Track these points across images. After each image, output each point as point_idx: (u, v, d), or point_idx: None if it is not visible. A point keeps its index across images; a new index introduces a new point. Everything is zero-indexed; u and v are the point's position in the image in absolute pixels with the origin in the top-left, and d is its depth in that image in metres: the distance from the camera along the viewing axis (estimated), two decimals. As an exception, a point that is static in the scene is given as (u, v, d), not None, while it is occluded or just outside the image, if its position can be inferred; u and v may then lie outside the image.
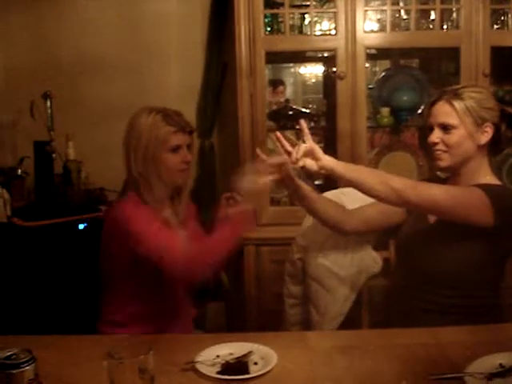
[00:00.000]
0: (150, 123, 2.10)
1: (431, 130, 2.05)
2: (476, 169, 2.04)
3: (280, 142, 1.99)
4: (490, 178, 2.05)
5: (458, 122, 1.99)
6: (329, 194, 2.38)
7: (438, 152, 2.04)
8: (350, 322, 2.32)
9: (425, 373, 1.55)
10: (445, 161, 2.04)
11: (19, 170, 3.35)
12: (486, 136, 2.00)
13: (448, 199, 1.92)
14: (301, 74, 3.76)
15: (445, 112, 2.01)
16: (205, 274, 2.02)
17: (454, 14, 3.05)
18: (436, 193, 1.93)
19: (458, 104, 1.99)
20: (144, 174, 2.11)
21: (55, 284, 2.98)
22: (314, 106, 3.46)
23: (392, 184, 1.90)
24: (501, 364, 1.56)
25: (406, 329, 1.90)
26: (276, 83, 3.60)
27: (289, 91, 3.69)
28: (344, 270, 2.28)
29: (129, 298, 2.17)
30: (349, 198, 2.33)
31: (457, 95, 2.01)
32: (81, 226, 3.06)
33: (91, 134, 3.42)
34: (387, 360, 1.67)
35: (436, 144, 2.04)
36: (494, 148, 2.06)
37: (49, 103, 3.29)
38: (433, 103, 2.07)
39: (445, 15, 3.07)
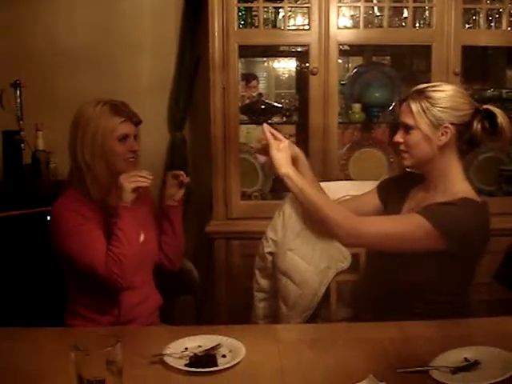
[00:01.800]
0: (98, 113, 2.14)
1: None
2: (444, 170, 2.02)
3: (264, 134, 2.02)
4: (460, 186, 2.02)
5: (414, 122, 1.98)
6: None
7: (400, 152, 2.06)
8: (318, 317, 2.34)
9: (391, 366, 1.57)
10: (406, 160, 2.05)
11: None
12: (445, 137, 1.97)
13: (388, 235, 1.94)
14: (274, 69, 3.76)
15: (404, 112, 2.02)
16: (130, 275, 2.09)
17: (427, 13, 3.07)
18: (370, 228, 1.95)
19: (414, 105, 1.98)
20: (91, 164, 2.14)
21: (22, 275, 2.95)
22: (287, 101, 3.47)
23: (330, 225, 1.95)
24: (465, 358, 1.59)
25: (374, 323, 1.92)
26: (249, 77, 3.60)
27: (262, 85, 3.69)
28: (313, 264, 2.29)
29: (85, 290, 2.17)
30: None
31: (417, 95, 2.00)
32: (49, 218, 3.03)
33: (61, 124, 3.34)
34: (355, 353, 1.69)
35: (399, 143, 2.05)
36: (466, 148, 2.03)
37: (18, 92, 3.25)
38: (402, 102, 2.07)
39: (417, 13, 3.09)
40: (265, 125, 2.05)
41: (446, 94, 1.99)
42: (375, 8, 3.15)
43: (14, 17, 3.48)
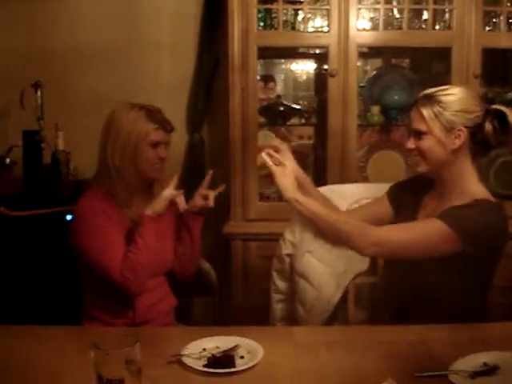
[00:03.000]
0: (133, 117, 2.15)
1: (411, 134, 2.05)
2: (458, 173, 2.01)
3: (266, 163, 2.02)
4: (475, 188, 2.01)
5: (427, 128, 1.97)
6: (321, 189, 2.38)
7: (414, 158, 2.05)
8: (335, 319, 2.33)
9: (410, 370, 1.56)
10: (421, 167, 2.04)
11: (8, 159, 3.32)
12: (459, 140, 1.96)
13: (406, 244, 1.93)
14: (292, 71, 3.75)
15: (415, 118, 2.01)
16: (143, 282, 2.12)
17: (447, 15, 3.06)
18: (391, 238, 1.95)
19: (425, 110, 1.97)
20: (120, 166, 2.15)
21: (41, 275, 2.97)
22: (305, 103, 3.47)
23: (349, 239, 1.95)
24: (485, 363, 1.57)
25: (392, 326, 1.92)
26: (267, 79, 3.61)
27: (279, 87, 3.69)
28: (331, 266, 2.29)
29: (100, 291, 2.18)
30: (338, 196, 2.34)
31: (427, 100, 1.99)
32: (68, 217, 3.05)
33: (81, 124, 3.40)
34: (372, 356, 1.68)
35: (411, 150, 2.04)
36: (480, 150, 2.02)
37: (39, 93, 3.28)
38: (411, 108, 2.05)
39: (437, 15, 3.08)
40: (263, 153, 2.04)
41: (456, 97, 1.97)
42: (395, 10, 3.14)
43: (34, 17, 3.51)
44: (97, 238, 2.09)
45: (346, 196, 2.42)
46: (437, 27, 3.09)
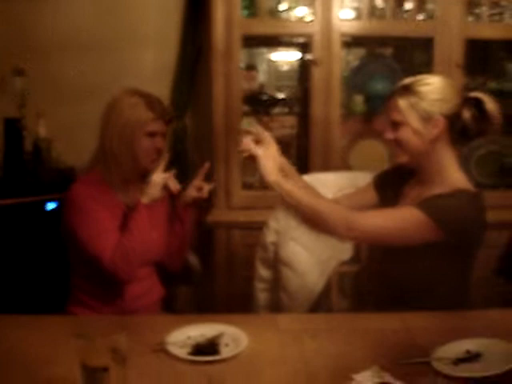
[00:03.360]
0: (133, 104, 2.15)
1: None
2: (438, 163, 2.01)
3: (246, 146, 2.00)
4: (455, 177, 2.01)
5: (403, 118, 1.97)
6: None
7: (394, 148, 2.05)
8: (319, 307, 2.35)
9: (393, 357, 1.58)
10: (400, 157, 2.04)
11: (-13, 147, 3.29)
12: (436, 129, 1.96)
13: (383, 229, 1.93)
14: (275, 60, 3.75)
15: (392, 109, 2.00)
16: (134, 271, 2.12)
17: (430, 5, 3.07)
18: (368, 223, 1.94)
19: (402, 101, 1.97)
20: (117, 152, 2.15)
21: (23, 263, 2.95)
22: (288, 92, 3.46)
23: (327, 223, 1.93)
24: (467, 350, 1.59)
25: (376, 314, 1.93)
26: (249, 68, 3.59)
27: (262, 76, 3.68)
28: (315, 254, 2.30)
29: (90, 277, 2.18)
30: (321, 184, 2.34)
31: (403, 91, 1.99)
32: (50, 206, 3.03)
33: (63, 112, 3.37)
34: (357, 344, 1.70)
35: (389, 140, 2.04)
36: (459, 138, 2.02)
37: (20, 80, 3.24)
38: (389, 98, 2.04)
39: (420, 5, 3.08)
40: (244, 138, 2.02)
41: (433, 86, 1.98)
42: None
43: (17, 4, 3.47)
44: (89, 224, 2.09)
45: (329, 185, 2.43)
46: (420, 17, 3.09)
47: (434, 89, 1.97)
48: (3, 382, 1.52)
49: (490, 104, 1.97)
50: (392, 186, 2.17)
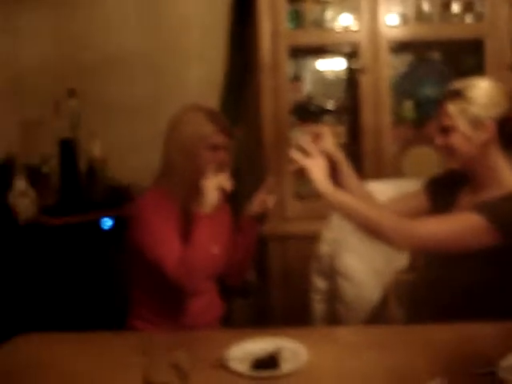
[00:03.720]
0: (195, 118, 2.18)
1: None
2: (491, 167, 1.98)
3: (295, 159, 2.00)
4: (510, 179, 1.98)
5: (453, 124, 1.95)
6: None
7: (445, 154, 2.02)
8: (376, 318, 2.32)
9: (458, 368, 1.55)
10: (450, 163, 2.03)
11: (44, 168, 3.37)
12: (486, 134, 1.93)
13: (440, 237, 1.91)
14: (321, 70, 3.74)
15: (442, 114, 1.99)
16: (200, 281, 2.11)
17: (478, 7, 3.02)
18: (426, 231, 1.92)
19: (451, 106, 1.95)
20: (180, 166, 2.16)
21: (80, 281, 3.00)
22: (336, 102, 3.45)
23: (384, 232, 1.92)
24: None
25: (436, 325, 1.89)
26: (295, 78, 3.60)
27: (309, 86, 3.67)
28: (371, 264, 2.28)
29: (152, 294, 2.19)
30: (374, 192, 2.33)
31: (452, 96, 1.97)
32: (106, 225, 3.09)
33: (115, 131, 3.43)
34: (417, 355, 1.67)
35: (439, 146, 2.02)
36: (509, 142, 1.98)
37: (74, 101, 3.31)
38: (439, 103, 2.03)
39: (468, 8, 3.04)
40: (292, 149, 2.00)
41: (482, 90, 1.95)
42: (425, 3, 3.10)
43: (68, 27, 3.55)
44: (154, 233, 2.09)
45: (382, 194, 2.40)
46: (468, 20, 3.05)
47: (483, 93, 1.95)
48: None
49: None
50: (444, 192, 2.14)
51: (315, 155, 1.99)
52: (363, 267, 2.27)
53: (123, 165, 3.25)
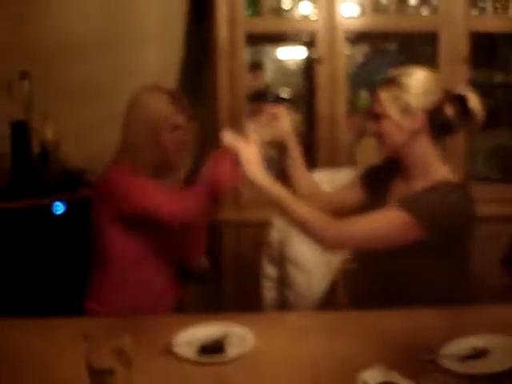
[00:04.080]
0: (155, 99, 2.20)
1: None
2: (419, 157, 1.99)
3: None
4: (437, 170, 1.98)
5: (384, 111, 1.96)
6: None
7: (376, 141, 2.04)
8: (325, 304, 2.34)
9: (401, 354, 1.58)
10: (381, 150, 2.04)
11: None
12: (417, 123, 1.94)
13: (364, 233, 1.93)
14: (279, 58, 3.74)
15: (375, 101, 2.00)
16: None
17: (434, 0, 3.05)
18: (352, 232, 1.94)
19: (383, 93, 1.96)
20: (142, 146, 2.19)
21: (32, 265, 2.97)
22: (294, 90, 3.46)
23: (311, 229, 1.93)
24: (474, 347, 1.58)
25: (382, 311, 1.91)
26: (255, 66, 3.59)
27: (267, 74, 3.67)
28: (320, 251, 2.29)
29: (115, 274, 2.21)
30: (328, 181, 2.35)
31: (386, 83, 1.97)
32: (58, 210, 3.05)
33: (69, 113, 3.38)
34: (363, 341, 1.69)
35: (371, 133, 2.04)
36: (440, 132, 1.99)
37: (26, 82, 3.25)
38: (373, 90, 2.04)
39: (424, 0, 3.07)
40: (225, 134, 1.99)
41: (416, 79, 1.95)
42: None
43: (22, 7, 3.48)
44: (142, 190, 2.13)
45: (337, 181, 2.42)
46: (424, 12, 3.08)
47: (417, 82, 1.95)
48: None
49: (474, 101, 1.95)
50: (379, 181, 2.15)
51: (250, 140, 1.96)
52: (312, 255, 2.28)
53: (78, 148, 3.20)
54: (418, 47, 3.41)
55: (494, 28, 3.07)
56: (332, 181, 2.41)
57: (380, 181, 2.14)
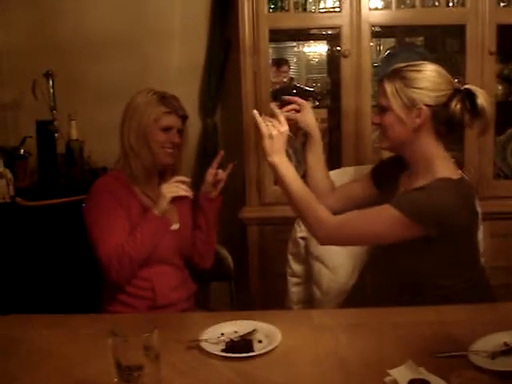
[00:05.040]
0: (147, 101, 2.23)
1: None
2: (422, 153, 1.96)
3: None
4: (439, 166, 1.95)
5: (388, 103, 1.94)
6: (335, 172, 2.40)
7: (379, 133, 2.02)
8: (352, 301, 2.32)
9: (430, 351, 1.55)
10: (383, 142, 2.02)
11: (22, 150, 3.33)
12: (419, 118, 1.91)
13: (358, 230, 1.94)
14: (304, 53, 3.72)
15: (380, 92, 1.98)
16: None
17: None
18: (346, 228, 1.95)
19: (387, 85, 1.93)
20: (135, 148, 2.22)
21: (58, 265, 2.98)
22: (319, 85, 3.44)
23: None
24: (505, 342, 1.56)
25: (410, 307, 1.89)
26: (280, 62, 3.58)
27: (292, 70, 3.66)
28: (346, 248, 2.27)
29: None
30: (351, 178, 2.33)
31: (392, 75, 1.95)
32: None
33: (93, 113, 3.40)
34: (391, 338, 1.68)
35: (375, 125, 2.02)
36: (445, 129, 1.96)
37: (51, 82, 3.27)
38: (379, 82, 2.01)
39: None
40: (254, 111, 2.04)
41: (422, 74, 1.93)
42: (407, -12, 3.09)
43: (44, 8, 3.51)
44: (99, 219, 2.15)
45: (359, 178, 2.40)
46: (450, 4, 3.03)
47: (422, 76, 1.92)
48: (35, 382, 1.53)
49: (482, 98, 1.91)
50: (390, 176, 2.13)
51: (278, 124, 1.98)
52: (338, 251, 2.26)
53: (101, 146, 3.21)
54: (444, 40, 3.37)
55: (522, 20, 3.01)
56: (355, 178, 2.39)
57: (389, 177, 2.13)
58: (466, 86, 1.95)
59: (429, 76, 1.93)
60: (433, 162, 1.96)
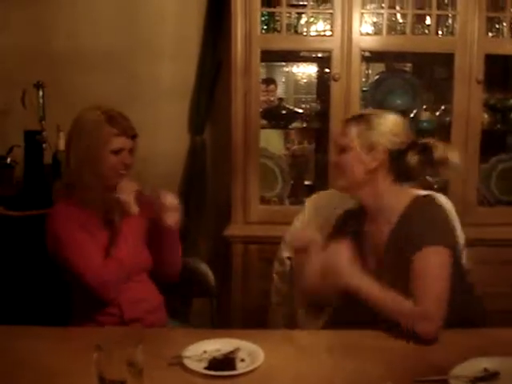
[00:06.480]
0: (94, 122, 2.12)
1: None
2: (379, 195, 1.99)
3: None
4: (403, 196, 1.99)
5: (348, 144, 1.99)
6: (322, 194, 2.39)
7: (335, 173, 2.07)
8: (335, 323, 2.32)
9: (410, 375, 1.56)
10: (338, 182, 2.06)
11: (8, 159, 3.32)
12: (376, 161, 1.97)
13: (440, 293, 1.85)
14: (293, 73, 3.76)
15: (341, 134, 2.03)
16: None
17: (450, 20, 3.07)
18: (439, 310, 1.84)
19: (353, 126, 2.00)
20: (82, 172, 2.11)
21: (40, 275, 2.96)
22: (307, 106, 3.47)
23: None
24: (485, 368, 1.57)
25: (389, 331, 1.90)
26: (267, 81, 3.61)
27: (280, 90, 3.69)
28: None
29: (85, 292, 2.11)
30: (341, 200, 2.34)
31: (356, 118, 2.02)
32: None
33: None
34: (373, 360, 1.68)
35: (332, 164, 2.08)
36: (402, 176, 2.01)
37: (41, 93, 3.27)
38: (342, 123, 2.09)
39: (440, 21, 3.09)
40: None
41: (384, 120, 2.01)
42: (398, 15, 3.14)
43: (37, 18, 3.52)
44: (71, 248, 2.07)
45: (347, 201, 2.42)
46: (440, 33, 3.09)
47: (384, 122, 2.00)
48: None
49: (441, 152, 1.96)
50: (353, 222, 2.12)
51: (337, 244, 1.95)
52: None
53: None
54: (433, 67, 3.42)
55: (510, 50, 3.07)
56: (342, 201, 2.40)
57: (354, 222, 2.13)
58: (424, 141, 2.01)
59: (391, 123, 2.01)
60: (387, 205, 2.00)
